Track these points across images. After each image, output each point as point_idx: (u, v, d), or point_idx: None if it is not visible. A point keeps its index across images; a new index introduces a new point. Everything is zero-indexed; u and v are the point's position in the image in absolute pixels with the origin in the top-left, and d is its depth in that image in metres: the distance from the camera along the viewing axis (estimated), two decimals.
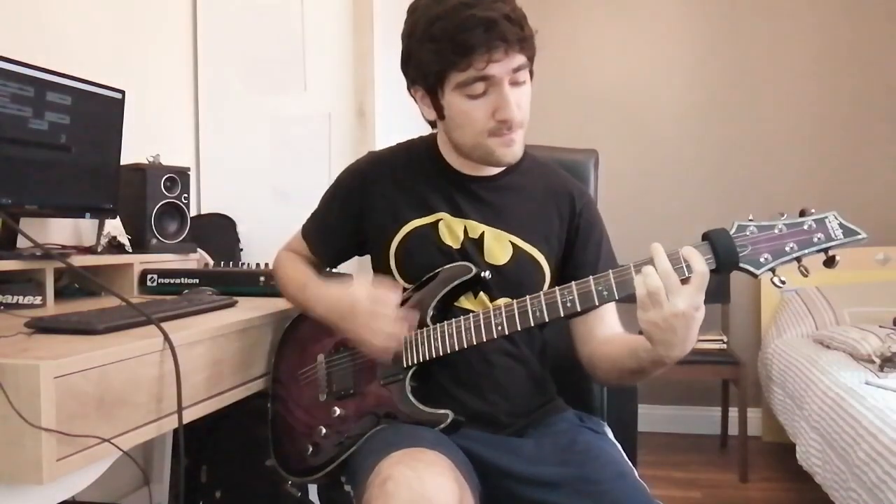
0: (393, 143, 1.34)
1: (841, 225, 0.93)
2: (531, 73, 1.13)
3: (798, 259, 0.94)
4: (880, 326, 2.55)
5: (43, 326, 1.07)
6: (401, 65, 1.17)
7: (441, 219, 1.21)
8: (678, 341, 0.94)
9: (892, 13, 3.16)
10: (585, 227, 1.26)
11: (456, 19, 1.04)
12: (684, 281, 0.92)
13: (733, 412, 3.01)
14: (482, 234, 1.20)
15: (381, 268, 1.25)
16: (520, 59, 1.08)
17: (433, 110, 1.17)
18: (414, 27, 1.11)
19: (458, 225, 1.20)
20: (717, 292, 3.13)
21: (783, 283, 0.93)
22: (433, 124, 1.23)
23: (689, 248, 0.94)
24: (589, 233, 1.26)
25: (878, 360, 2.27)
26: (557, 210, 1.25)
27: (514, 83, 1.10)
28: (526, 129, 1.16)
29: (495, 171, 1.23)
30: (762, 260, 0.94)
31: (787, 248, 0.93)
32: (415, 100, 1.21)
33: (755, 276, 0.95)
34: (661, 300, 0.91)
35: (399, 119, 2.38)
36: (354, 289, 1.13)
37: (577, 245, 1.25)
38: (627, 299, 0.99)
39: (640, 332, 0.99)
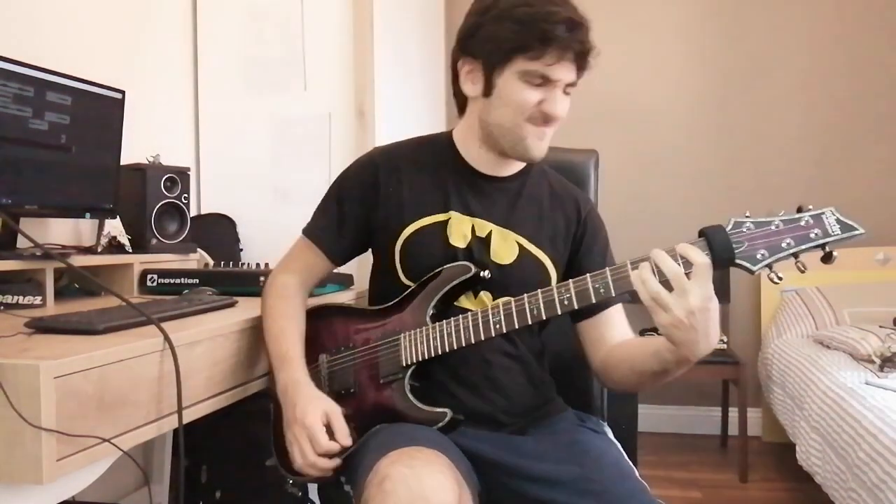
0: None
1: (839, 221, 0.92)
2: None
3: (795, 255, 0.93)
4: (880, 326, 2.54)
5: (43, 326, 1.06)
6: (462, 37, 1.18)
7: (450, 217, 1.20)
8: (701, 337, 0.94)
9: (893, 13, 3.15)
10: (590, 234, 1.27)
11: (544, 9, 1.07)
12: (689, 276, 0.92)
13: (733, 412, 3.00)
14: (489, 233, 1.20)
15: (384, 263, 1.24)
16: (576, 74, 1.13)
17: (480, 86, 1.16)
18: (493, 4, 1.12)
19: (466, 223, 1.20)
20: (718, 292, 3.01)
21: (780, 279, 0.93)
22: (462, 108, 1.24)
23: (683, 245, 0.94)
24: (593, 239, 1.27)
25: (878, 360, 2.27)
26: (564, 215, 1.26)
27: (564, 91, 1.14)
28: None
29: (508, 171, 1.24)
30: (759, 256, 0.93)
31: (784, 245, 0.93)
32: (456, 73, 1.20)
33: (751, 272, 0.95)
34: (667, 303, 0.92)
35: (399, 119, 2.38)
36: (315, 406, 1.09)
37: (581, 251, 1.26)
38: (628, 298, 0.99)
39: (643, 333, 0.99)
